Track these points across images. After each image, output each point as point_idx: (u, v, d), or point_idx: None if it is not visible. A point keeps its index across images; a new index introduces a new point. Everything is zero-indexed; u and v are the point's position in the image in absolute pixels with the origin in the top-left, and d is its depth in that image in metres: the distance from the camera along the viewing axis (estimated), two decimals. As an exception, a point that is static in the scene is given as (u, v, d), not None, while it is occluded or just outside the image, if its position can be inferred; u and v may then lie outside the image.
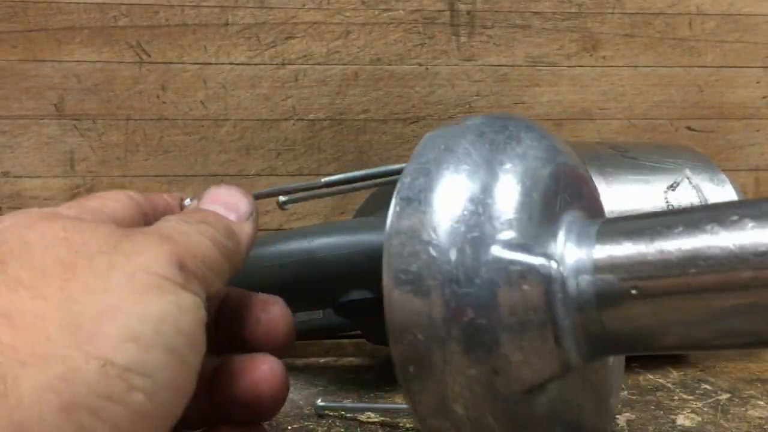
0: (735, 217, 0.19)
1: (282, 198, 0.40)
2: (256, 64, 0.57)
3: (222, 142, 0.57)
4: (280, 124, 0.58)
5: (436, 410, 0.22)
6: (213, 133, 0.57)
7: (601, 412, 0.25)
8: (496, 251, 0.21)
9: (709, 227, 0.20)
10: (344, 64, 0.58)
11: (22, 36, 0.54)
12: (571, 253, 0.22)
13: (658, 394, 0.40)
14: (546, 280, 0.21)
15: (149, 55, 0.56)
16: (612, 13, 0.61)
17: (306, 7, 0.57)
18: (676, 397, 0.40)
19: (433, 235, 0.21)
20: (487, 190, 0.22)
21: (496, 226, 0.21)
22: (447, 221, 0.21)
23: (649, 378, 0.44)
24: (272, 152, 0.58)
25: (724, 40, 0.62)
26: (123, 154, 0.56)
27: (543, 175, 0.23)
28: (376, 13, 0.58)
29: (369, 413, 0.37)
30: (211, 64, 0.56)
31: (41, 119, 0.55)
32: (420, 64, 0.59)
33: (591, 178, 0.27)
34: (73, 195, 0.55)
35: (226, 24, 0.56)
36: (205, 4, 0.56)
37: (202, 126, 0.57)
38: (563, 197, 0.23)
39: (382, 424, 0.36)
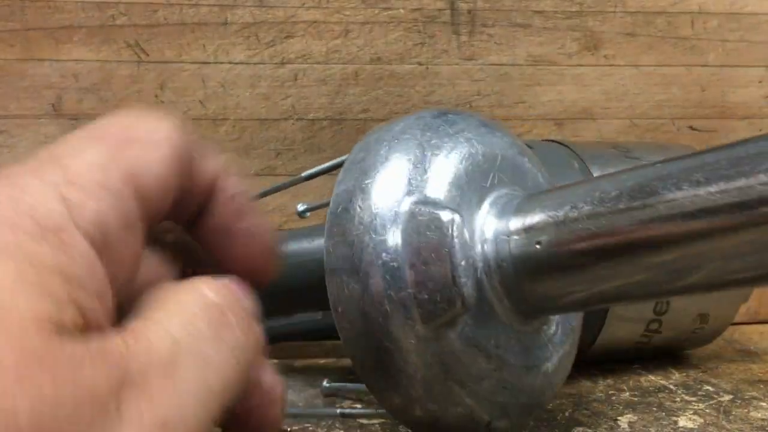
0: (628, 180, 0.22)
1: (300, 207, 0.41)
2: (255, 64, 0.57)
3: (221, 141, 0.57)
4: (279, 123, 0.57)
5: (358, 343, 0.25)
6: (212, 133, 0.57)
7: (530, 374, 0.27)
8: (407, 206, 0.25)
9: (601, 193, 0.23)
10: (344, 64, 0.58)
11: (19, 35, 0.54)
12: (492, 219, 0.26)
13: (660, 395, 0.40)
14: (447, 229, 0.24)
15: (147, 54, 0.56)
16: (613, 12, 0.60)
17: (305, 6, 0.57)
18: (677, 399, 0.39)
19: (360, 195, 0.25)
20: (411, 159, 0.26)
21: (414, 186, 0.25)
22: (372, 184, 0.25)
23: (651, 379, 0.43)
24: (272, 152, 0.57)
25: (726, 39, 0.62)
26: (121, 154, 0.56)
27: (473, 153, 0.27)
28: (376, 11, 0.58)
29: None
30: (209, 63, 0.56)
31: (39, 119, 0.55)
32: (420, 64, 0.58)
33: (542, 171, 0.30)
34: (71, 195, 0.55)
35: (225, 23, 0.56)
36: (203, 2, 0.56)
37: (201, 125, 0.56)
38: (498, 176, 0.27)
39: (381, 425, 0.36)
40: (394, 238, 0.24)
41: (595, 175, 0.42)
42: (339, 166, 0.32)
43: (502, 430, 0.27)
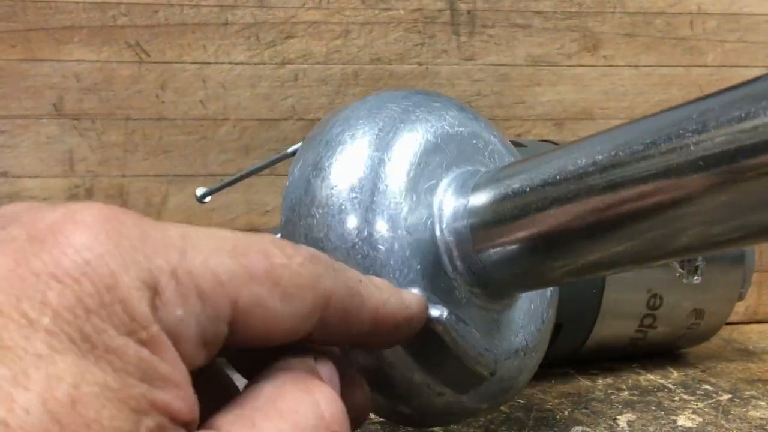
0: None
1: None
2: (255, 64, 0.57)
3: (221, 141, 0.57)
4: (279, 123, 0.57)
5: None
6: (212, 133, 0.57)
7: (496, 346, 0.27)
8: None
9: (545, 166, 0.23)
10: (344, 64, 0.58)
11: (21, 35, 0.54)
12: (450, 197, 0.25)
13: (659, 394, 0.40)
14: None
15: (149, 55, 0.56)
16: (613, 12, 0.60)
17: (306, 6, 0.57)
18: (676, 398, 0.40)
19: (310, 168, 0.26)
20: (364, 134, 0.25)
21: (369, 168, 0.25)
22: (323, 159, 0.26)
23: (650, 378, 0.43)
24: (272, 152, 0.58)
25: (725, 40, 0.62)
26: (122, 154, 0.56)
27: (431, 132, 0.26)
28: (376, 12, 0.58)
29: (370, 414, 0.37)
30: (210, 63, 0.56)
31: (40, 119, 0.55)
32: (420, 64, 0.59)
33: (507, 147, 0.30)
34: (71, 195, 0.55)
35: (226, 23, 0.56)
36: (204, 3, 0.56)
37: (202, 126, 0.57)
38: (456, 156, 0.27)
39: (381, 424, 0.36)
40: (342, 217, 0.24)
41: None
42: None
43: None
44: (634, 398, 0.40)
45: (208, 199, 0.43)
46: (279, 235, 0.26)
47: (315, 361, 0.18)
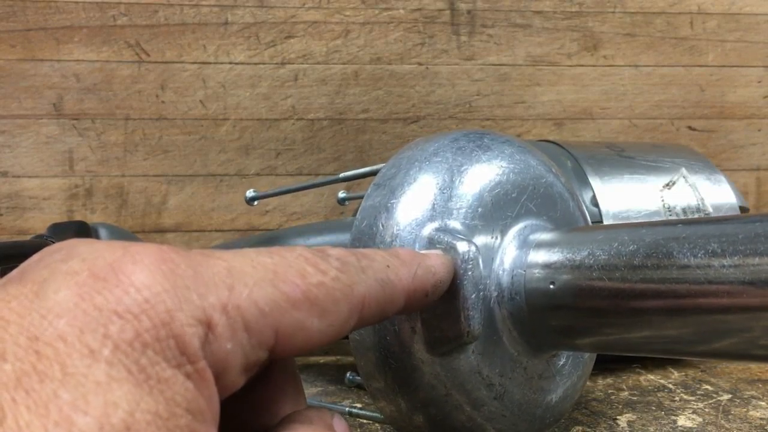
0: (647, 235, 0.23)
1: (341, 194, 0.42)
2: (255, 64, 0.57)
3: (221, 141, 0.57)
4: (279, 123, 0.57)
5: (366, 354, 0.26)
6: (212, 133, 0.57)
7: (531, 405, 0.27)
8: (428, 231, 0.25)
9: (618, 247, 0.23)
10: (344, 64, 0.58)
11: (21, 35, 0.54)
12: (513, 250, 0.26)
13: (659, 394, 0.40)
14: (462, 259, 0.24)
15: (148, 55, 0.56)
16: (613, 12, 0.60)
17: (306, 6, 0.57)
18: (677, 398, 0.40)
19: (385, 213, 0.25)
20: (438, 184, 0.26)
21: (438, 212, 0.25)
22: (398, 204, 0.25)
23: (650, 378, 0.43)
24: (272, 152, 0.58)
25: (725, 40, 0.62)
26: (122, 154, 0.56)
27: (502, 181, 0.26)
28: (376, 12, 0.58)
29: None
30: (210, 63, 0.56)
31: (40, 119, 0.55)
32: (420, 64, 0.59)
33: (574, 198, 0.30)
34: (71, 195, 0.55)
35: (226, 23, 0.56)
36: (204, 3, 0.56)
37: (202, 126, 0.57)
38: (526, 206, 0.27)
39: (382, 426, 0.36)
40: None
41: (587, 173, 0.42)
42: (375, 173, 0.32)
43: None
44: (634, 398, 0.40)
45: (256, 202, 0.44)
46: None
47: (331, 416, 0.19)
